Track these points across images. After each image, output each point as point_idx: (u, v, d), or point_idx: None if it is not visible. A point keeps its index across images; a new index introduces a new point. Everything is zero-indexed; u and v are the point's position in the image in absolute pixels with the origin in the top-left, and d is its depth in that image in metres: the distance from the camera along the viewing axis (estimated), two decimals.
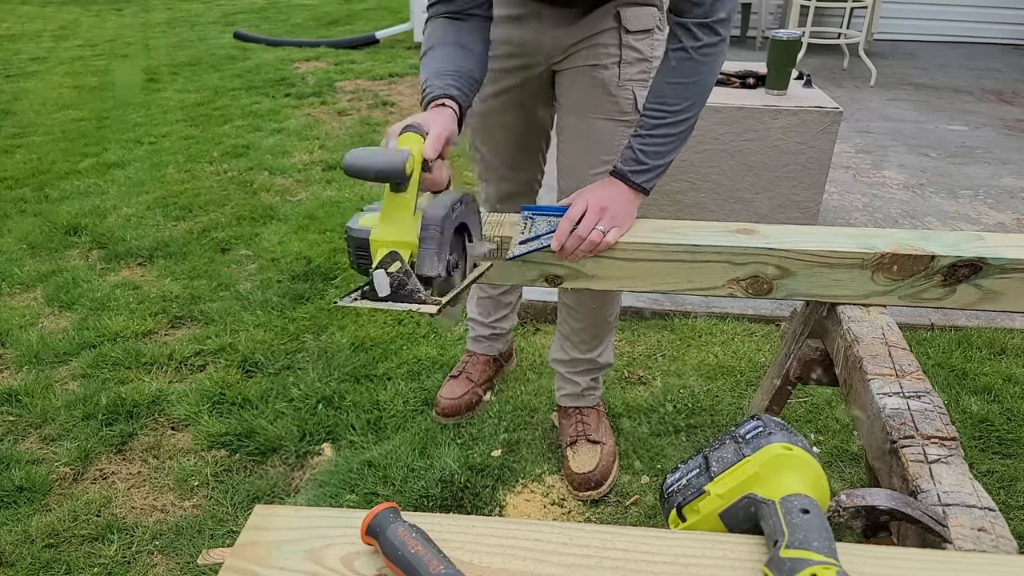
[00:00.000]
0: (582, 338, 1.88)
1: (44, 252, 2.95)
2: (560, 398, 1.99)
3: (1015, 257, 1.15)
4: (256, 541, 0.73)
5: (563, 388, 1.97)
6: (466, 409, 2.06)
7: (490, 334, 2.13)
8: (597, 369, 1.94)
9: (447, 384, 2.10)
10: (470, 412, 2.07)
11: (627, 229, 1.24)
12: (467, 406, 2.06)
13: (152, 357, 2.30)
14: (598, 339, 1.88)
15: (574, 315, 1.85)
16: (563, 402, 1.98)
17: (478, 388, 2.10)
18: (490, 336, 2.13)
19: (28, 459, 1.91)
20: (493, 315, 2.10)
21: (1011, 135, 4.36)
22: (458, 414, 2.05)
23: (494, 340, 2.14)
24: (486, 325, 2.12)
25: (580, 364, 1.92)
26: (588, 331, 1.86)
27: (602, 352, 1.91)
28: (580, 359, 1.91)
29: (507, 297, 2.09)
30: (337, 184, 3.61)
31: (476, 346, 2.16)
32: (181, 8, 8.53)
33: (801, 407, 2.12)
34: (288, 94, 5.06)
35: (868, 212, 3.28)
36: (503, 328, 2.13)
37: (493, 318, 2.10)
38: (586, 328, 1.86)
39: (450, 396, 2.06)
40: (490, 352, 2.16)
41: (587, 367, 1.92)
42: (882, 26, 6.60)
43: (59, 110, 4.75)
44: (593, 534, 0.73)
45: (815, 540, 0.66)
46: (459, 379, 2.10)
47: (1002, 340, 2.39)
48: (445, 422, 2.03)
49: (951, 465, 0.85)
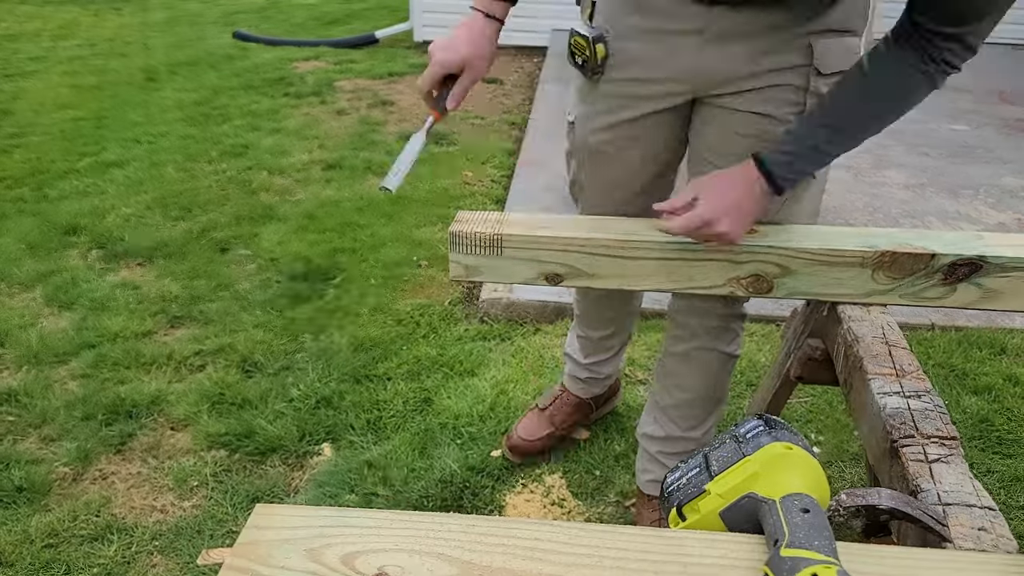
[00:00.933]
0: (685, 413, 1.59)
1: (43, 252, 2.94)
2: (644, 483, 1.70)
3: (1015, 256, 1.15)
4: (256, 540, 0.72)
5: (649, 472, 1.68)
6: (538, 453, 1.89)
7: (587, 377, 1.88)
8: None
9: (528, 417, 1.92)
10: (542, 457, 1.89)
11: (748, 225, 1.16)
12: (539, 450, 1.89)
13: (151, 357, 2.29)
14: (706, 413, 1.60)
15: (681, 384, 1.57)
16: (647, 489, 1.69)
17: (559, 432, 1.90)
18: (586, 379, 1.88)
19: (28, 459, 1.91)
20: (591, 357, 1.86)
21: (1012, 135, 4.36)
22: (529, 455, 1.88)
23: (590, 384, 1.90)
24: (583, 366, 1.87)
25: (678, 444, 1.61)
26: (698, 404, 1.58)
27: (708, 430, 1.62)
28: (679, 438, 1.61)
29: (608, 342, 1.82)
30: (336, 184, 3.61)
31: (570, 384, 1.92)
32: (180, 7, 8.52)
33: (801, 407, 2.12)
34: (287, 94, 5.05)
35: (868, 212, 3.28)
36: (601, 373, 1.88)
37: (591, 360, 1.86)
38: (695, 400, 1.57)
39: (528, 436, 1.87)
40: (583, 395, 1.91)
41: (687, 448, 1.61)
42: (883, 26, 6.59)
43: (58, 109, 4.74)
44: (593, 533, 0.73)
45: (815, 539, 0.66)
46: (544, 415, 1.90)
47: (1002, 340, 2.39)
48: (514, 460, 1.89)
49: (951, 464, 0.85)
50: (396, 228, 3.13)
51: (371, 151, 4.02)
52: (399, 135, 4.23)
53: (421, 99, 1.25)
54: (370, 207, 3.34)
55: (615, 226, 1.26)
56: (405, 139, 1.23)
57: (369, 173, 3.75)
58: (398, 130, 4.33)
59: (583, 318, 1.81)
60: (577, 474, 1.90)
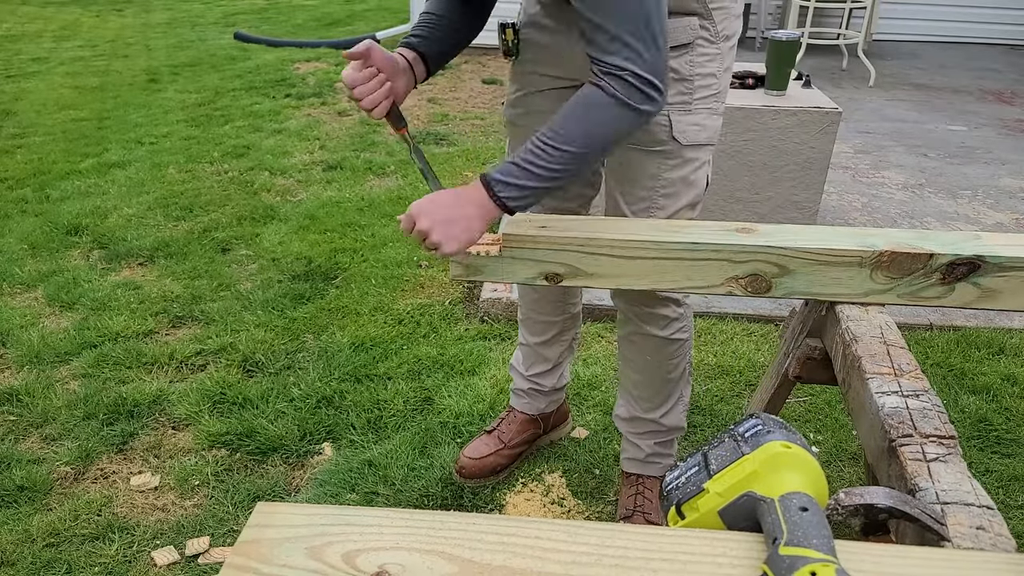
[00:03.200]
0: (642, 393, 1.68)
1: (45, 252, 2.95)
2: (622, 461, 1.80)
3: (1013, 255, 1.15)
4: (258, 539, 0.73)
5: (626, 451, 1.78)
6: (489, 473, 1.86)
7: (528, 388, 1.89)
8: (663, 432, 1.72)
9: (476, 440, 1.90)
10: (495, 477, 1.87)
11: (460, 247, 1.16)
12: (491, 470, 1.86)
13: (153, 357, 2.30)
14: (661, 396, 1.67)
15: (631, 366, 1.67)
16: (625, 467, 1.79)
17: (508, 451, 1.88)
18: (528, 391, 1.89)
19: (29, 459, 1.91)
20: (532, 368, 1.87)
21: (1010, 135, 4.36)
22: (479, 477, 1.85)
23: (533, 397, 1.89)
24: (524, 378, 1.88)
25: (642, 425, 1.71)
26: (648, 385, 1.66)
27: (667, 412, 1.69)
28: (642, 419, 1.71)
29: (547, 350, 1.83)
30: (337, 184, 3.61)
31: (515, 401, 1.93)
32: (182, 9, 8.53)
33: (800, 406, 2.13)
34: (288, 95, 5.06)
35: (867, 212, 3.28)
36: (543, 385, 1.88)
37: (532, 372, 1.87)
38: (645, 382, 1.66)
39: (472, 456, 1.85)
40: (528, 411, 1.91)
41: (650, 429, 1.71)
42: (881, 26, 6.60)
43: (60, 110, 4.75)
44: (593, 532, 0.73)
45: (814, 538, 0.67)
46: (491, 436, 1.89)
47: (1001, 340, 2.39)
48: (464, 483, 1.85)
49: (949, 464, 0.86)
50: (396, 228, 3.14)
51: (372, 152, 4.02)
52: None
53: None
54: (371, 207, 3.34)
55: (615, 226, 1.27)
56: (407, 149, 1.36)
57: (370, 174, 3.75)
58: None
59: (524, 322, 1.85)
60: (577, 473, 1.90)
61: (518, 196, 1.16)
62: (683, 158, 1.40)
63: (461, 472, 1.85)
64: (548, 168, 1.14)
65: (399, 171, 3.76)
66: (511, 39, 1.45)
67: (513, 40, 1.45)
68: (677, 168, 1.41)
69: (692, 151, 1.40)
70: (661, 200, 1.43)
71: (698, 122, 1.38)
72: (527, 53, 1.47)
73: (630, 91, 1.10)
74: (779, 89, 2.74)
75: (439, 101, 5.00)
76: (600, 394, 2.17)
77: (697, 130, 1.39)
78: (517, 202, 1.16)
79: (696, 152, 1.41)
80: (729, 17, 1.37)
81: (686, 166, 1.41)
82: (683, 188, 1.43)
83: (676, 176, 1.41)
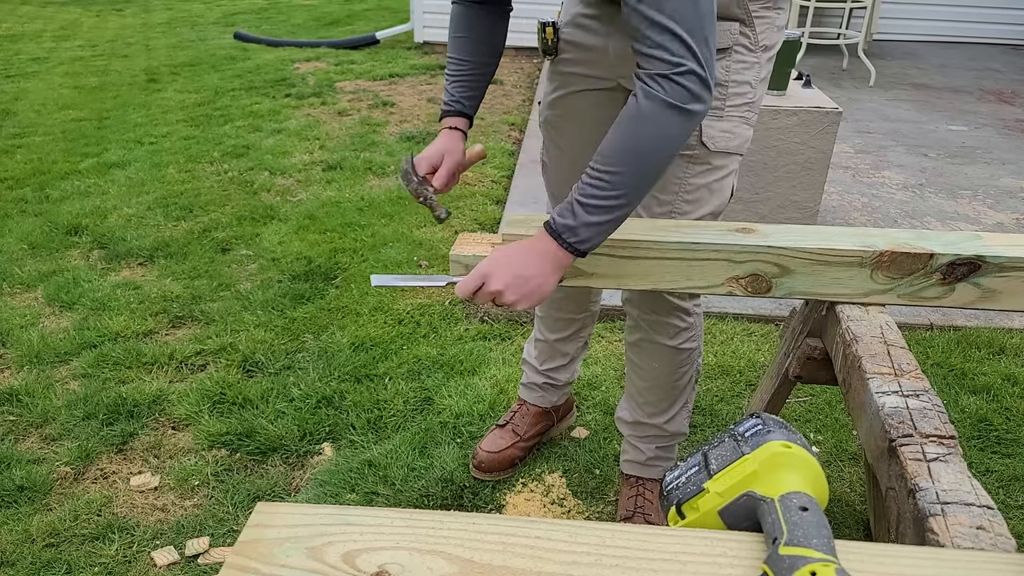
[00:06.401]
0: (647, 399, 1.69)
1: (45, 252, 2.95)
2: (622, 463, 1.81)
3: (1014, 256, 1.15)
4: (258, 539, 0.73)
5: (626, 453, 1.79)
6: (508, 466, 1.87)
7: (543, 383, 1.90)
8: (665, 437, 1.73)
9: (490, 434, 1.91)
10: (512, 470, 1.89)
11: (538, 301, 1.15)
12: (509, 462, 1.87)
13: (153, 357, 2.30)
14: (667, 402, 1.68)
15: (639, 372, 1.67)
16: (625, 469, 1.80)
17: (524, 443, 1.90)
18: (543, 385, 1.91)
19: (29, 459, 1.91)
20: (548, 363, 1.89)
21: (1011, 135, 4.36)
22: (497, 471, 1.87)
23: (547, 391, 1.92)
24: (539, 372, 1.90)
25: (645, 429, 1.72)
26: (654, 392, 1.67)
27: (671, 419, 1.70)
28: (645, 423, 1.71)
29: (565, 346, 1.86)
30: (337, 184, 3.61)
31: (527, 394, 1.94)
32: (181, 8, 8.53)
33: (800, 406, 2.13)
34: (288, 94, 5.06)
35: (867, 212, 3.28)
36: (558, 380, 1.90)
37: (547, 367, 1.89)
38: (652, 388, 1.67)
39: (490, 449, 1.87)
40: (542, 404, 1.93)
41: (653, 433, 1.72)
42: (881, 26, 6.60)
43: (59, 110, 4.75)
44: (593, 531, 0.73)
45: (814, 537, 0.67)
46: (504, 430, 1.91)
47: (1001, 340, 2.39)
48: (481, 478, 1.86)
49: (950, 464, 0.86)
50: (396, 228, 3.14)
51: (372, 152, 4.02)
52: (400, 136, 4.23)
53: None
54: (371, 207, 3.34)
55: None
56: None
57: (370, 173, 3.75)
58: (399, 131, 4.33)
59: (543, 320, 1.85)
60: (577, 473, 1.90)
61: (587, 237, 1.10)
62: (710, 164, 1.38)
63: (480, 467, 1.86)
64: (608, 197, 1.08)
65: (399, 171, 3.76)
66: (551, 38, 1.44)
67: (553, 39, 1.44)
68: (703, 174, 1.38)
69: (719, 158, 1.38)
70: (683, 205, 1.40)
71: (728, 129, 1.36)
72: (567, 52, 1.45)
73: (678, 91, 1.05)
74: (779, 89, 2.74)
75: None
76: (600, 394, 2.17)
77: (727, 137, 1.36)
78: (589, 243, 1.11)
79: (723, 160, 1.38)
80: (771, 28, 1.34)
81: (712, 173, 1.39)
82: (707, 195, 1.40)
83: (701, 182, 1.39)
